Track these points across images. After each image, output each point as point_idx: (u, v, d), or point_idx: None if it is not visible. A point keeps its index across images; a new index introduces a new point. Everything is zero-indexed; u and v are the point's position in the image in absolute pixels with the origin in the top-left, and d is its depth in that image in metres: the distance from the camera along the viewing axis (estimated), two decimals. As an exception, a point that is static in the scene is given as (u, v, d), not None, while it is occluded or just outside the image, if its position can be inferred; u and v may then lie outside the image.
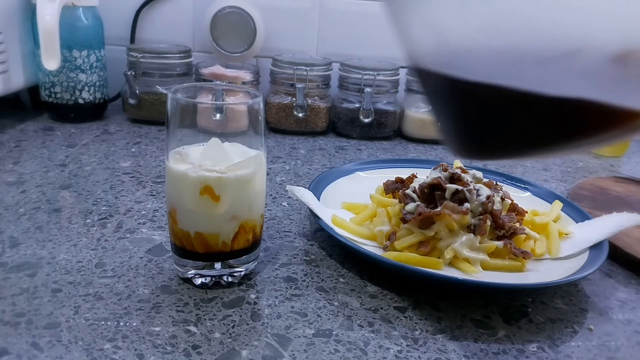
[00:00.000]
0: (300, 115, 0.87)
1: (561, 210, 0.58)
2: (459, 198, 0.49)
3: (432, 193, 0.50)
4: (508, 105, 0.17)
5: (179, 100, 0.40)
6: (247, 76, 0.86)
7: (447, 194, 0.49)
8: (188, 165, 0.40)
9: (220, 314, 0.39)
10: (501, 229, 0.49)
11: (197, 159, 0.40)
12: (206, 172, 0.39)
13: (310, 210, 0.51)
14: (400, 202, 0.52)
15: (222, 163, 0.39)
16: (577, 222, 0.56)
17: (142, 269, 0.44)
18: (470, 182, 0.51)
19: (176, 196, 0.41)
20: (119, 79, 0.89)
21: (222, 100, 0.49)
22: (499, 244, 0.48)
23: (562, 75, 0.15)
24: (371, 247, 0.49)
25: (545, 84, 0.15)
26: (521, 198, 0.60)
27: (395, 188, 0.56)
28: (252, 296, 0.42)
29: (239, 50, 0.91)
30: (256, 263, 0.45)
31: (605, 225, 0.52)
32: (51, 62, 0.74)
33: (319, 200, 0.55)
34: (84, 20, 0.82)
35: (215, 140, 0.41)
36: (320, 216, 0.50)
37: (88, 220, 0.52)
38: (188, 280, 0.43)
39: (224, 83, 0.83)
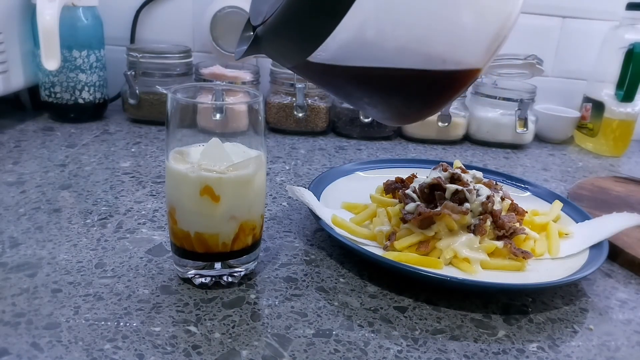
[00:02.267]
0: (300, 115, 0.87)
1: (561, 210, 0.58)
2: (459, 198, 0.49)
3: (432, 193, 0.50)
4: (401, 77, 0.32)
5: (179, 100, 0.40)
6: (247, 76, 0.86)
7: (447, 194, 0.49)
8: (188, 165, 0.40)
9: (220, 314, 0.39)
10: (501, 229, 0.49)
11: (197, 159, 0.40)
12: (206, 172, 0.39)
13: (310, 210, 0.51)
14: (400, 202, 0.52)
15: (222, 163, 0.39)
16: (577, 222, 0.56)
17: (142, 269, 0.44)
18: (470, 182, 0.51)
19: (176, 196, 0.41)
20: (119, 79, 0.89)
21: (222, 100, 0.49)
22: (499, 244, 0.48)
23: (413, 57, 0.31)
24: (371, 247, 0.49)
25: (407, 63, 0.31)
26: (521, 198, 0.60)
27: (395, 188, 0.56)
28: (252, 296, 0.42)
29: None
30: (256, 263, 0.45)
31: (605, 225, 0.52)
32: (51, 62, 0.74)
33: (319, 200, 0.55)
34: (84, 20, 0.82)
35: (215, 140, 0.41)
36: (320, 216, 0.50)
37: (88, 221, 0.52)
38: (188, 281, 0.43)
39: (224, 83, 0.83)
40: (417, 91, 0.34)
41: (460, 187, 0.49)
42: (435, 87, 0.33)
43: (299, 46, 0.33)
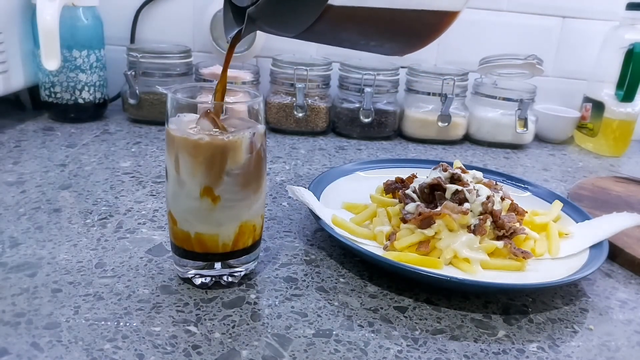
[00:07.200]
0: (300, 115, 0.87)
1: (561, 210, 0.58)
2: (459, 198, 0.49)
3: (432, 193, 0.50)
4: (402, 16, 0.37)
5: (179, 100, 0.40)
6: (247, 76, 0.86)
7: (447, 194, 0.49)
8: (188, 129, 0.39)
9: (220, 314, 0.39)
10: (501, 229, 0.49)
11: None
12: (200, 134, 0.38)
13: (310, 210, 0.51)
14: (400, 202, 0.52)
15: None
16: (577, 222, 0.56)
17: (142, 269, 0.44)
18: (470, 182, 0.51)
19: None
20: (119, 79, 0.89)
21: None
22: (499, 244, 0.48)
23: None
24: (371, 247, 0.49)
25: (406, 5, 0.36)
26: (521, 198, 0.60)
27: (395, 188, 0.56)
28: (252, 296, 0.42)
29: (239, 50, 0.91)
30: (256, 263, 0.45)
31: (605, 225, 0.52)
32: (51, 62, 0.74)
33: (319, 200, 0.55)
34: (84, 20, 0.82)
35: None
36: (320, 216, 0.50)
37: (88, 220, 0.52)
38: (188, 280, 0.43)
39: (224, 83, 0.83)
40: (416, 28, 0.40)
41: (460, 187, 0.49)
42: (432, 20, 0.40)
43: (302, 14, 0.34)
